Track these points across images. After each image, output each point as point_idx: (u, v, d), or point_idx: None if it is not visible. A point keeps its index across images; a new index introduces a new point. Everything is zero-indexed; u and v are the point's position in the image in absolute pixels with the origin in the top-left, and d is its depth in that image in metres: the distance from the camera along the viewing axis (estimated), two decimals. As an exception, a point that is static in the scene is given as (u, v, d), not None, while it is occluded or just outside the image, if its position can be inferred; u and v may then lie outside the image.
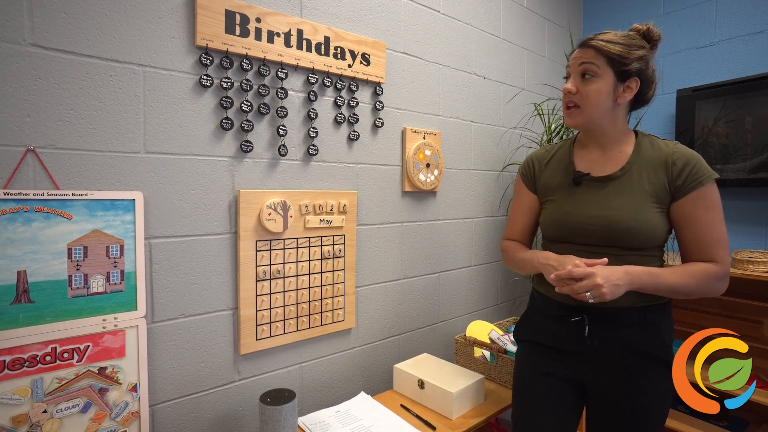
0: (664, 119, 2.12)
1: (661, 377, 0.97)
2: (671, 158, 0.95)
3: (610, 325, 0.97)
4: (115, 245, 0.99)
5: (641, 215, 0.94)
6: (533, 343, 1.10)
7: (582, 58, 0.97)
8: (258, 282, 1.22)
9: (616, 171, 0.99)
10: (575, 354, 1.01)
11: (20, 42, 0.88)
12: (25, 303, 0.90)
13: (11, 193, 0.87)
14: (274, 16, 1.20)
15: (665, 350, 0.98)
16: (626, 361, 0.96)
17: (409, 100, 1.58)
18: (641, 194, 0.95)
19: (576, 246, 1.00)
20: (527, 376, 1.10)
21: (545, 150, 1.16)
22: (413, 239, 1.63)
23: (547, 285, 1.06)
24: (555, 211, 1.05)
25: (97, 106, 0.97)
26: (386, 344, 1.58)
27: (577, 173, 1.03)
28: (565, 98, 1.01)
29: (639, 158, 0.98)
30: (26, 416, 0.90)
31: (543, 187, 1.11)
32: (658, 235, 0.96)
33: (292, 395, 1.10)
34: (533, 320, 1.12)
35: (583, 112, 0.98)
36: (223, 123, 1.14)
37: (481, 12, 1.84)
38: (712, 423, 1.69)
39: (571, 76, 0.99)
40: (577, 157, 1.08)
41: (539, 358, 1.07)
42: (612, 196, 0.98)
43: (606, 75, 0.95)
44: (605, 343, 0.97)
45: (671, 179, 0.95)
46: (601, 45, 0.94)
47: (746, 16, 1.87)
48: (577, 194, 1.03)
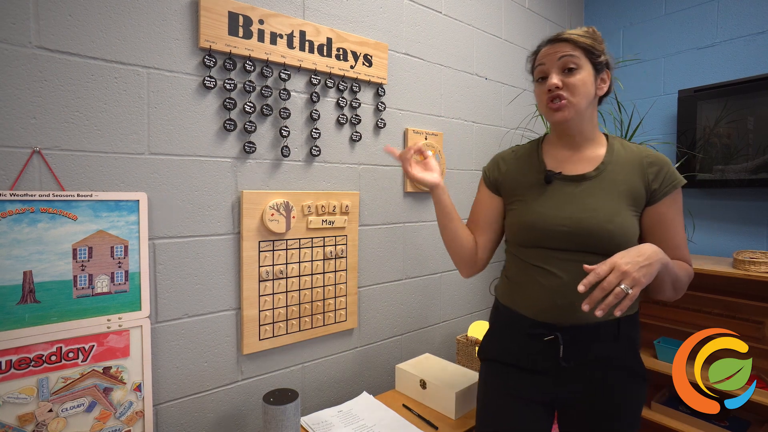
0: (666, 120, 2.12)
1: (637, 388, 0.94)
2: (645, 161, 0.93)
3: (586, 341, 0.91)
4: (119, 246, 1.00)
5: (618, 217, 0.89)
6: (500, 363, 1.01)
7: (560, 52, 0.91)
8: (261, 282, 1.22)
9: (590, 171, 0.94)
10: (547, 374, 0.94)
11: (26, 44, 0.89)
12: (31, 303, 0.90)
13: (17, 194, 0.88)
14: (277, 18, 1.20)
15: (638, 361, 0.95)
16: (602, 378, 0.92)
17: (411, 101, 1.59)
18: (618, 196, 0.91)
19: (547, 251, 0.93)
20: (494, 398, 1.00)
21: (512, 150, 1.10)
22: (415, 240, 1.64)
23: (516, 297, 0.99)
24: (524, 212, 0.98)
25: (101, 107, 0.98)
26: (388, 344, 1.58)
27: (549, 171, 0.97)
28: (547, 95, 0.92)
29: (613, 159, 0.94)
30: (32, 415, 0.91)
31: (509, 187, 1.04)
32: (631, 239, 0.90)
33: (295, 395, 1.10)
34: (500, 337, 1.03)
35: (573, 104, 0.91)
36: (227, 124, 1.14)
37: (482, 13, 1.84)
38: (713, 423, 1.69)
39: (552, 72, 0.92)
40: (546, 155, 1.01)
41: (507, 379, 0.99)
42: (586, 197, 0.92)
43: (586, 66, 0.91)
44: (581, 361, 0.91)
45: (647, 182, 0.92)
46: (575, 38, 0.91)
47: (748, 17, 1.87)
48: (548, 194, 0.96)
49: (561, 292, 0.90)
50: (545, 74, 0.94)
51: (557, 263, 0.92)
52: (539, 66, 0.96)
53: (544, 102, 0.94)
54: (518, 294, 0.98)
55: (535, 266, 0.95)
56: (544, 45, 0.96)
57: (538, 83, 0.97)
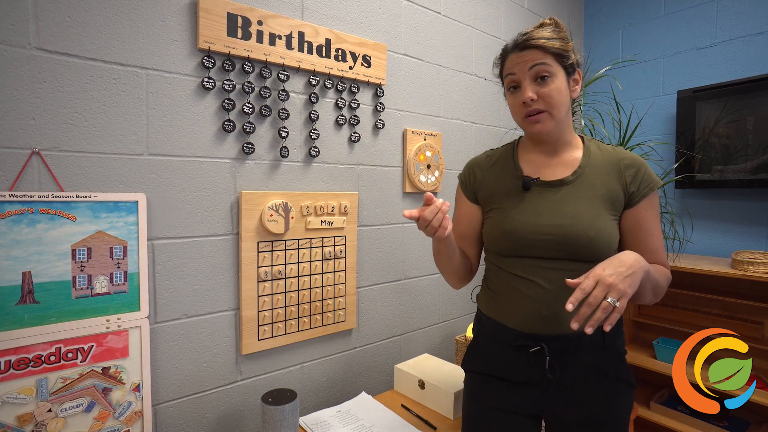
0: (665, 120, 2.12)
1: (625, 395, 0.93)
2: (622, 163, 0.90)
3: (572, 351, 0.89)
4: (118, 246, 1.00)
5: (599, 223, 0.86)
6: (484, 375, 0.98)
7: (530, 60, 0.86)
8: (260, 283, 1.22)
9: (568, 175, 0.91)
10: (534, 386, 0.91)
11: (25, 46, 0.89)
12: (30, 303, 0.91)
13: (16, 195, 0.88)
14: (276, 19, 1.21)
15: (625, 368, 0.94)
16: (590, 386, 0.90)
17: (410, 102, 1.59)
18: (597, 201, 0.88)
19: (528, 260, 0.90)
20: (480, 412, 0.97)
21: (486, 155, 1.05)
22: (414, 240, 1.64)
23: (499, 309, 0.96)
24: (503, 221, 0.93)
25: (100, 108, 0.98)
26: (387, 344, 1.58)
27: (526, 177, 0.93)
28: (522, 109, 0.89)
29: (590, 162, 0.92)
30: (31, 415, 0.91)
31: (486, 195, 1.00)
32: (613, 245, 0.88)
33: (294, 395, 1.11)
34: (484, 348, 1.00)
35: (552, 116, 0.87)
36: (225, 125, 1.15)
37: (481, 13, 1.84)
38: (712, 423, 1.69)
39: (523, 83, 0.88)
40: (522, 161, 0.98)
41: (493, 392, 0.96)
42: (566, 203, 0.89)
43: (559, 72, 0.87)
44: (567, 371, 0.89)
45: (625, 185, 0.89)
46: (544, 43, 0.86)
47: (747, 17, 1.88)
48: (527, 201, 0.92)
49: (545, 302, 0.88)
50: (517, 84, 0.90)
51: (539, 272, 0.89)
52: (510, 75, 0.91)
53: (521, 115, 0.90)
54: (501, 305, 0.95)
55: (517, 276, 0.92)
56: (511, 51, 0.90)
57: (510, 92, 0.93)
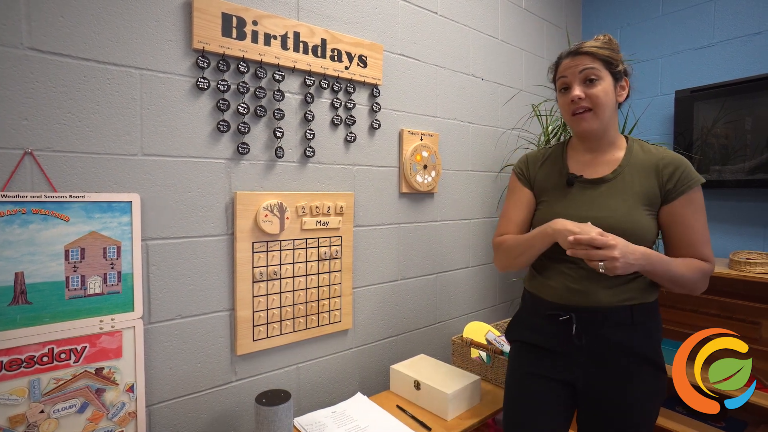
0: (663, 120, 2.12)
1: (651, 377, 0.97)
2: (661, 162, 0.99)
3: (599, 324, 0.97)
4: (112, 247, 1.00)
5: (633, 217, 0.96)
6: (524, 343, 1.10)
7: (581, 65, 0.99)
8: (255, 283, 1.22)
9: (608, 174, 1.02)
10: (565, 354, 1.02)
11: (17, 46, 0.89)
12: (23, 304, 0.90)
13: (9, 195, 0.88)
14: (271, 19, 1.20)
15: (654, 350, 0.99)
16: (615, 362, 0.97)
17: (407, 102, 1.59)
18: (633, 197, 0.98)
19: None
20: (518, 376, 1.10)
21: (539, 152, 1.18)
22: (410, 240, 1.64)
23: (538, 284, 1.07)
24: (547, 212, 1.06)
25: (94, 108, 0.98)
26: (383, 345, 1.58)
27: (571, 175, 1.05)
28: (571, 106, 1.01)
29: (630, 161, 1.01)
30: (23, 416, 0.91)
31: (538, 188, 1.13)
32: (648, 236, 0.97)
33: (288, 396, 1.10)
34: (524, 320, 1.13)
35: (597, 114, 0.99)
36: (220, 125, 1.14)
37: (478, 13, 1.84)
38: (710, 424, 1.69)
39: (573, 84, 1.00)
40: (570, 159, 1.10)
41: (530, 359, 1.08)
42: (604, 198, 1.00)
43: (606, 77, 0.98)
44: (594, 344, 0.98)
45: (662, 183, 0.98)
46: (595, 50, 0.98)
47: (745, 17, 1.87)
48: (569, 196, 1.04)
49: (576, 278, 0.99)
50: (567, 86, 1.02)
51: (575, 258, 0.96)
52: (561, 78, 1.03)
53: (569, 112, 1.02)
54: (540, 281, 1.07)
55: (557, 258, 1.02)
56: (565, 57, 1.03)
57: (561, 93, 1.05)
